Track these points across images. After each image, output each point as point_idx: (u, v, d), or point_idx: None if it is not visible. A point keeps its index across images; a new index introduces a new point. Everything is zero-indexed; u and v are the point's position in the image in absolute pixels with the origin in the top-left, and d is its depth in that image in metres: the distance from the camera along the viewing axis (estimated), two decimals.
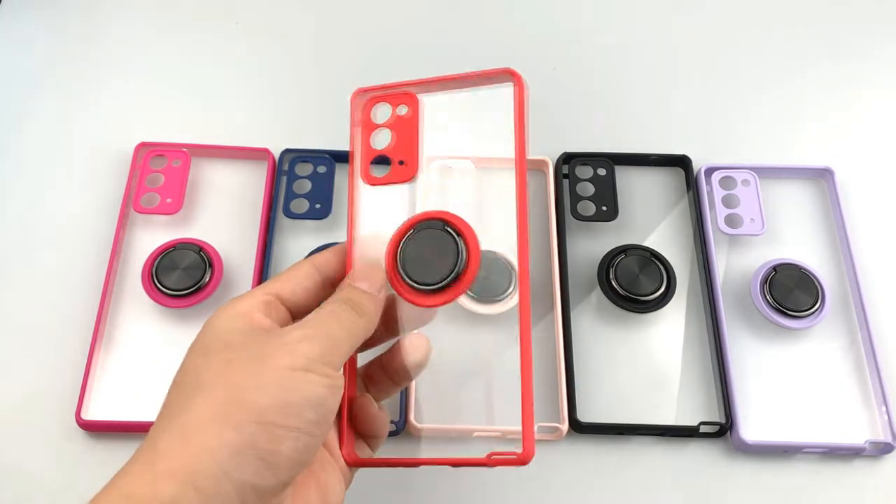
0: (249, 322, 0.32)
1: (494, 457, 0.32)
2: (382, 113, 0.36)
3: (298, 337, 0.30)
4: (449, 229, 0.35)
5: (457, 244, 0.34)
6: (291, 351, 0.30)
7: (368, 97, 0.37)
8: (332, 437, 0.34)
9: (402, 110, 0.36)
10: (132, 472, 0.28)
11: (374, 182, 0.36)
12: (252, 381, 0.29)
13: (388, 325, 0.36)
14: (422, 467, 0.35)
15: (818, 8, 0.66)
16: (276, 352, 0.30)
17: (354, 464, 0.35)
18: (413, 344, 0.36)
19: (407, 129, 0.36)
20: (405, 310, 0.36)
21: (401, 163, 0.36)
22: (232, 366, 0.29)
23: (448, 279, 0.34)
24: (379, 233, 0.36)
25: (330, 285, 0.35)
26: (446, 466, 0.34)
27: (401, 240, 0.35)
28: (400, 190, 0.35)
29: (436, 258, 0.34)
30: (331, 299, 0.33)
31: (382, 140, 0.36)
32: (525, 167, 0.35)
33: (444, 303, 0.34)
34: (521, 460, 0.32)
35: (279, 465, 0.28)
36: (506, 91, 0.37)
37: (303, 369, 0.29)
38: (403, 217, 0.36)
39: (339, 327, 0.32)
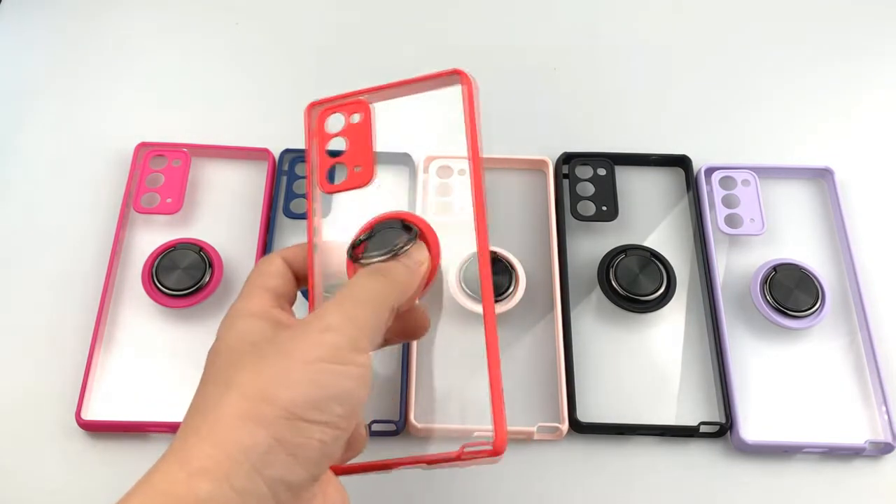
0: (268, 319, 0.32)
1: (467, 449, 0.33)
2: (336, 122, 0.38)
3: (323, 327, 0.30)
4: (407, 226, 0.36)
5: (411, 233, 0.35)
6: (318, 343, 0.30)
7: (322, 109, 0.38)
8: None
9: (355, 118, 0.37)
10: (166, 469, 0.28)
11: (330, 189, 0.37)
12: (281, 378, 0.29)
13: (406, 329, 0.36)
14: (420, 469, 0.35)
15: (818, 8, 0.66)
16: (303, 345, 0.30)
17: (340, 473, 0.35)
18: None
19: (361, 136, 0.37)
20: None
21: (356, 168, 0.37)
22: (263, 362, 0.29)
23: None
24: (341, 241, 0.36)
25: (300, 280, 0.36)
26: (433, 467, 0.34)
27: (359, 238, 0.36)
28: (358, 194, 0.36)
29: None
30: (365, 273, 0.33)
31: (338, 149, 0.37)
32: (480, 165, 0.36)
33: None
34: (495, 451, 0.32)
35: (309, 459, 0.29)
36: (456, 90, 0.37)
37: (331, 361, 0.29)
38: (363, 220, 0.37)
39: (364, 303, 0.31)
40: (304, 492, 0.29)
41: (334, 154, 0.37)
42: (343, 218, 0.38)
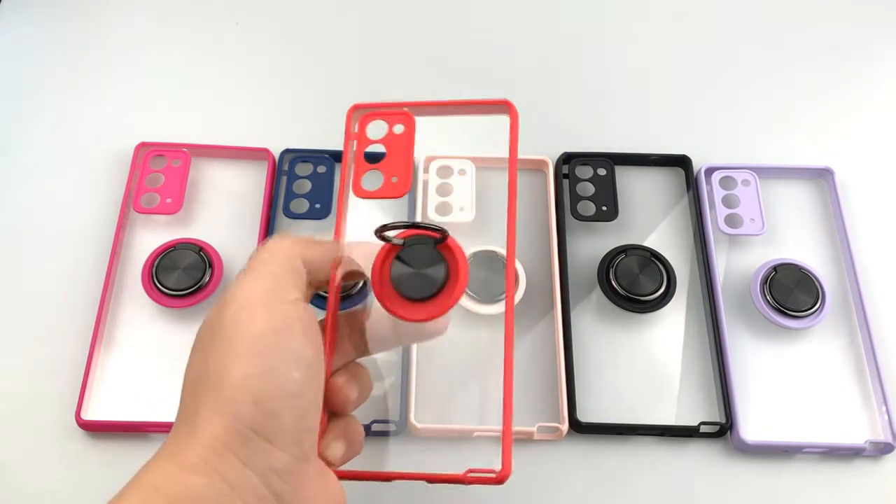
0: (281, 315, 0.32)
1: (471, 475, 0.33)
2: (378, 129, 0.37)
3: (241, 286, 0.31)
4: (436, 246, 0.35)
5: (444, 261, 0.35)
6: (242, 311, 0.30)
7: (365, 113, 0.37)
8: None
9: (398, 129, 0.37)
10: (158, 465, 0.28)
11: (364, 195, 0.36)
12: (228, 357, 0.29)
13: (356, 343, 0.36)
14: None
15: (818, 8, 0.66)
16: (234, 319, 0.30)
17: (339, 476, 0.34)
18: None
19: (401, 147, 0.36)
20: (404, 326, 0.36)
21: (393, 179, 0.36)
22: (209, 351, 0.30)
23: (435, 292, 0.34)
24: (368, 242, 0.36)
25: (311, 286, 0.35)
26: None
27: (388, 253, 0.35)
28: (390, 204, 0.36)
29: (424, 272, 0.34)
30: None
31: (376, 155, 0.37)
32: (515, 194, 0.36)
33: (432, 317, 0.34)
34: (499, 479, 0.32)
35: (285, 440, 0.29)
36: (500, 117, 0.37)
37: (270, 329, 0.29)
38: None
39: (272, 258, 0.32)
40: (296, 476, 0.29)
41: (372, 159, 0.36)
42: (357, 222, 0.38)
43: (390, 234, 0.35)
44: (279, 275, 0.32)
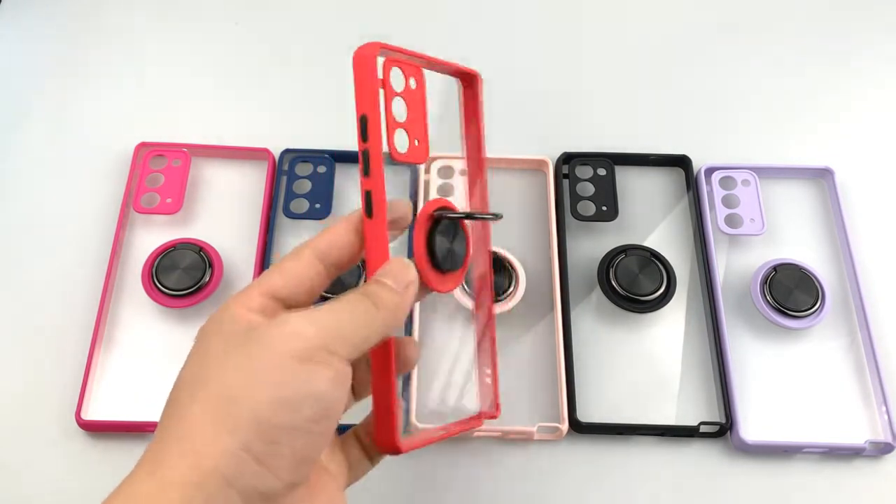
0: (249, 320, 0.30)
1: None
2: (397, 80, 0.33)
3: (298, 322, 0.28)
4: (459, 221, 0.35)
5: (465, 234, 0.35)
6: (289, 336, 0.28)
7: (387, 57, 0.32)
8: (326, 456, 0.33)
9: (413, 83, 0.33)
10: (138, 480, 0.27)
11: (400, 159, 0.32)
12: (247, 375, 0.27)
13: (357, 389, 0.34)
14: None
15: (818, 8, 0.66)
16: (273, 338, 0.28)
17: (397, 450, 0.32)
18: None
19: (418, 105, 0.33)
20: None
21: (416, 142, 0.33)
22: (228, 359, 0.28)
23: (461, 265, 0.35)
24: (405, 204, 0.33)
25: (336, 270, 0.32)
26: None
27: (429, 224, 0.34)
28: (408, 170, 0.33)
29: (455, 245, 0.35)
30: (348, 292, 0.30)
31: (399, 111, 0.32)
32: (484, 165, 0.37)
33: (455, 286, 0.35)
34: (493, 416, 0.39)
35: (280, 467, 0.27)
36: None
37: (300, 358, 0.27)
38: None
39: (350, 316, 0.29)
40: (283, 498, 0.28)
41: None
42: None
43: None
44: (346, 324, 0.29)
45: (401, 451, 0.32)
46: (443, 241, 0.34)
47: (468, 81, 0.37)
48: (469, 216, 0.35)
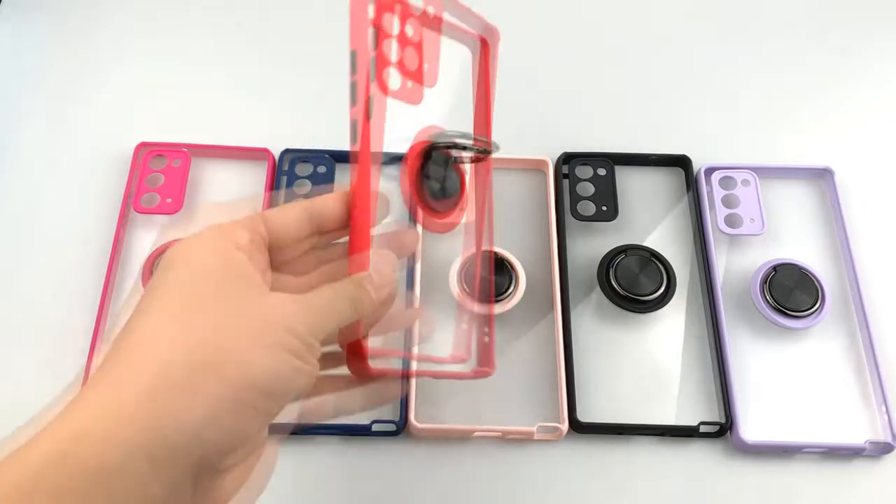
0: (228, 262, 0.28)
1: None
2: (391, 22, 0.33)
3: (290, 304, 0.28)
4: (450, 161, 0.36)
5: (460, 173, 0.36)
6: (284, 330, 0.27)
7: (381, 2, 0.32)
8: None
9: (409, 30, 0.33)
10: (79, 407, 0.25)
11: (388, 94, 0.32)
12: (240, 352, 0.26)
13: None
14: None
15: (818, 7, 0.66)
16: (268, 325, 0.27)
17: (370, 376, 0.33)
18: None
19: (414, 50, 0.33)
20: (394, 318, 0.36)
21: (409, 84, 0.33)
22: (225, 322, 0.26)
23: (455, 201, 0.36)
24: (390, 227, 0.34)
25: (318, 234, 0.33)
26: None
27: (421, 161, 0.35)
28: (408, 109, 0.33)
29: (446, 182, 0.35)
30: (334, 285, 0.30)
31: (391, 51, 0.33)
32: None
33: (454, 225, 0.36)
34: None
35: (235, 443, 0.26)
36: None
37: (294, 354, 0.27)
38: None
39: (332, 317, 0.29)
40: (222, 464, 0.27)
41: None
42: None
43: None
44: (326, 323, 0.29)
45: (364, 353, 0.32)
46: (435, 174, 0.34)
47: (483, 43, 0.37)
48: (459, 146, 0.35)
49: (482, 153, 0.35)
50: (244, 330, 0.27)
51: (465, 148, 0.35)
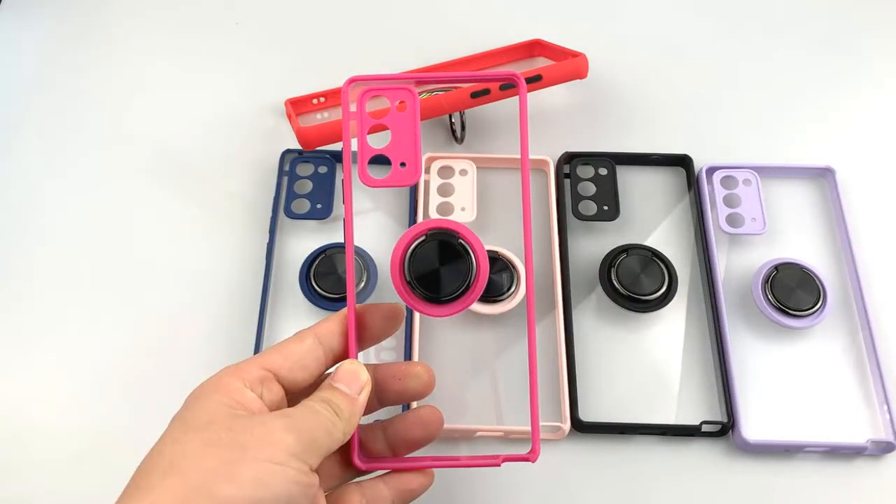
0: (237, 402, 0.31)
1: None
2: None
3: (280, 427, 0.30)
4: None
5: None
6: (272, 442, 0.29)
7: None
8: None
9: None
10: None
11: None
12: (226, 471, 0.28)
13: (381, 397, 0.37)
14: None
15: (818, 7, 0.66)
16: (256, 441, 0.29)
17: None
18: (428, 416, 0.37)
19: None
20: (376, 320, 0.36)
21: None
22: (209, 450, 0.29)
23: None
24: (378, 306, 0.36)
25: (332, 359, 0.35)
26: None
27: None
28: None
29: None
30: (311, 397, 0.33)
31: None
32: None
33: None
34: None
35: None
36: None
37: (280, 463, 0.29)
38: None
39: (318, 426, 0.31)
40: None
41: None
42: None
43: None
44: (317, 435, 0.31)
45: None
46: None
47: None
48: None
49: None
50: (232, 452, 0.29)
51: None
